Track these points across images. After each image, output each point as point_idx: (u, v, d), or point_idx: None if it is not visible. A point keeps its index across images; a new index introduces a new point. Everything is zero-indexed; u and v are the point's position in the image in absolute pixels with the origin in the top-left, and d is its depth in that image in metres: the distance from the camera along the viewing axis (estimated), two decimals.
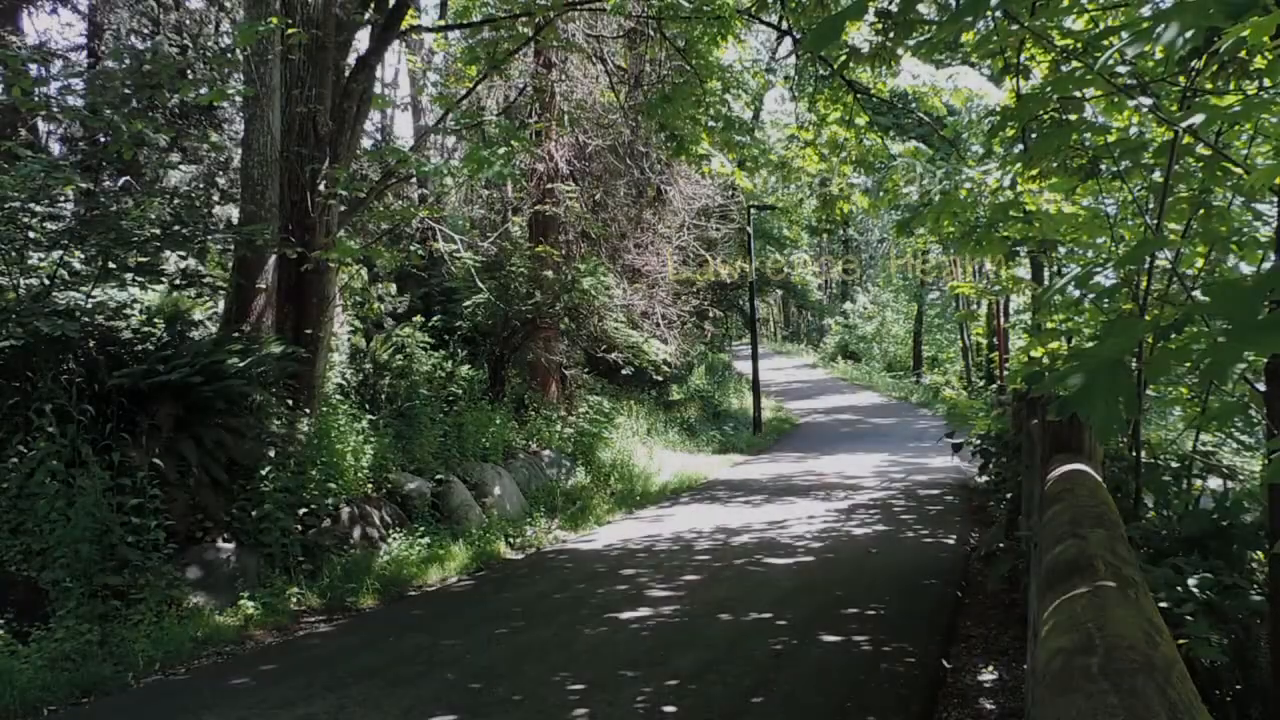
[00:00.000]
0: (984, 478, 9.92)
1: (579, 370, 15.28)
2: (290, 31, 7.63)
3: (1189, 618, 2.85)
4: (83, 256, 7.27)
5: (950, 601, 6.46)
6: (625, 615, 6.32)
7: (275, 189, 8.06)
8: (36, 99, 7.21)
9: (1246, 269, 4.15)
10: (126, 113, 7.22)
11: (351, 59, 9.42)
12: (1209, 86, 3.29)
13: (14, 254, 6.94)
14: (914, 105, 12.33)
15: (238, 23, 10.56)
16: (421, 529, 8.56)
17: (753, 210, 21.47)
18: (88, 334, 6.79)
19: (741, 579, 7.30)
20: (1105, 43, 3.45)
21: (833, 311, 43.58)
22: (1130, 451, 4.28)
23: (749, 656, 5.27)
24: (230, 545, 6.88)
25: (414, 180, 12.73)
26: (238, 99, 8.41)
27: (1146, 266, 3.91)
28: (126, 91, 7.33)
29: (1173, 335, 2.03)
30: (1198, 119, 2.42)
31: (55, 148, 11.47)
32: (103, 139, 8.07)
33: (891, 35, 6.20)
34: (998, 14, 3.57)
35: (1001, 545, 6.17)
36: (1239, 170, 3.46)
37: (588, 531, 10.03)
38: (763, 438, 20.07)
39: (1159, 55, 3.54)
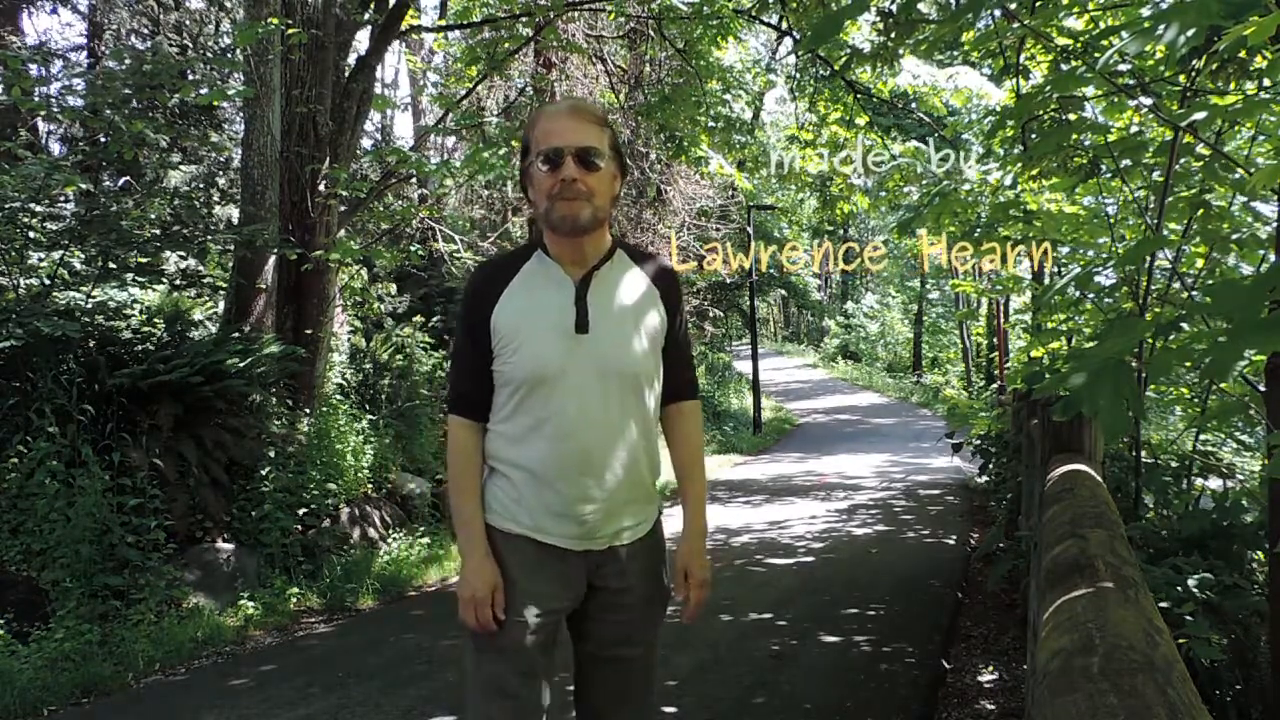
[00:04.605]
0: (984, 478, 9.93)
1: None
2: (290, 31, 7.62)
3: (1189, 618, 2.85)
4: (83, 256, 7.26)
5: (950, 601, 6.45)
6: None
7: (275, 189, 8.05)
8: (36, 99, 7.21)
9: (1246, 269, 4.15)
10: (127, 113, 7.21)
11: (351, 59, 9.41)
12: (1209, 86, 3.29)
13: (14, 254, 6.93)
14: (914, 105, 12.34)
15: (238, 23, 10.55)
16: (421, 529, 8.55)
17: (752, 210, 21.49)
18: (88, 334, 6.78)
19: (741, 579, 7.30)
20: (1105, 43, 3.45)
21: (833, 312, 43.61)
22: (1130, 451, 4.28)
23: (749, 656, 5.26)
24: (230, 545, 6.87)
25: (414, 180, 12.71)
26: (238, 99, 8.41)
27: (1146, 266, 3.91)
28: (126, 91, 7.32)
29: (1173, 335, 2.03)
30: (1198, 117, 2.42)
31: (55, 148, 11.47)
32: (103, 139, 8.06)
33: (893, 35, 6.20)
34: (997, 13, 3.57)
35: (1001, 545, 6.16)
36: (1239, 170, 3.46)
37: None
38: (763, 438, 20.08)
39: (1159, 55, 3.54)
